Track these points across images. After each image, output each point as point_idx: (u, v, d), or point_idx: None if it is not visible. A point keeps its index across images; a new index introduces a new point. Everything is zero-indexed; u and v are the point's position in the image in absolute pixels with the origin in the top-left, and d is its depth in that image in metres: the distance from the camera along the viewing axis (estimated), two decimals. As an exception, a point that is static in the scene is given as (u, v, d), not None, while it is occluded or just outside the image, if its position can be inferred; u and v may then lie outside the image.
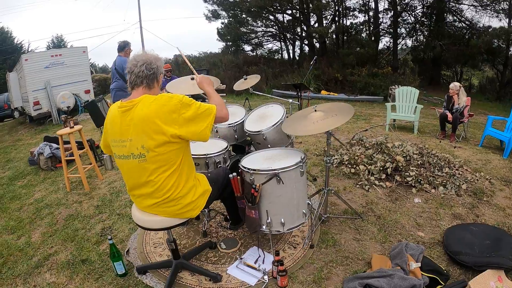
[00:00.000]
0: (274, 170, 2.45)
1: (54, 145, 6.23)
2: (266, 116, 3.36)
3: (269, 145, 3.11)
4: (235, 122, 3.44)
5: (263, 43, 20.66)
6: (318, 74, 14.34)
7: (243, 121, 3.45)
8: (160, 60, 2.24)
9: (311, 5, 16.11)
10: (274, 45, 21.08)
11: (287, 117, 3.19)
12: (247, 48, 20.62)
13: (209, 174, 2.58)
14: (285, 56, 20.68)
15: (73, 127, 4.74)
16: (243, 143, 3.36)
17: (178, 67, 18.85)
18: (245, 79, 4.06)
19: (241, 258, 2.76)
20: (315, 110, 2.73)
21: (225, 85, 10.57)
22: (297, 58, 19.36)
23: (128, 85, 2.19)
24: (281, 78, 14.94)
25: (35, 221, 4.16)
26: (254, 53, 20.30)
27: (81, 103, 12.87)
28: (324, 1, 15.65)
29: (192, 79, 3.53)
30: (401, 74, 14.75)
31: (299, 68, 15.62)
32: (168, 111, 2.01)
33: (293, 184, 2.53)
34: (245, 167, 2.58)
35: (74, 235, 3.62)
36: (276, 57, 20.09)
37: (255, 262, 2.71)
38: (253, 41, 20.22)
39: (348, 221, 3.33)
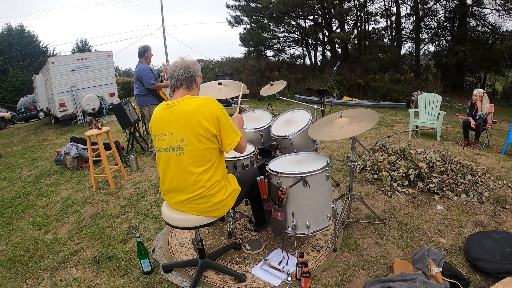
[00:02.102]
0: (301, 173, 2.50)
1: (81, 146, 6.39)
2: (292, 121, 3.40)
3: (294, 150, 3.16)
4: (261, 127, 3.50)
5: (285, 49, 20.74)
6: (340, 80, 14.32)
7: (270, 125, 3.51)
8: (197, 64, 2.42)
9: (333, 11, 16.10)
10: (296, 50, 21.14)
11: (312, 122, 3.23)
12: (269, 53, 20.75)
13: (238, 175, 2.66)
14: (307, 61, 20.70)
15: (100, 128, 4.86)
16: (269, 147, 3.41)
17: (202, 71, 19.07)
18: (271, 84, 4.11)
19: (265, 259, 2.80)
20: (341, 116, 2.77)
21: (248, 90, 10.63)
22: (319, 63, 19.33)
23: (170, 88, 2.39)
24: (303, 84, 15.01)
25: (61, 218, 4.28)
26: (276, 59, 20.37)
27: (105, 105, 13.15)
28: (346, 7, 15.62)
29: (220, 84, 3.61)
30: (423, 80, 14.57)
31: (321, 74, 15.62)
32: (209, 110, 2.20)
33: (319, 187, 2.58)
34: (272, 170, 2.64)
35: (100, 233, 3.72)
36: (298, 63, 20.10)
37: (279, 264, 2.75)
38: (275, 46, 20.31)
39: (370, 226, 3.34)
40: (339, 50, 18.17)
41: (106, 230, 3.78)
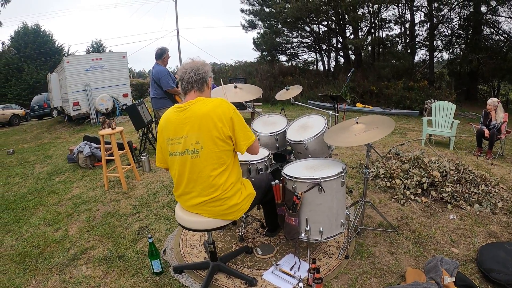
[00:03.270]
0: (316, 179, 2.49)
1: (94, 145, 6.43)
2: (307, 126, 3.39)
3: (309, 155, 3.14)
4: (276, 131, 3.49)
5: (299, 54, 20.77)
6: (353, 86, 14.30)
7: (285, 130, 3.50)
8: (207, 65, 2.41)
9: (347, 17, 16.09)
10: (309, 56, 21.14)
11: (328, 128, 3.22)
12: (283, 58, 20.82)
13: (253, 179, 2.66)
14: (320, 67, 20.68)
15: (114, 128, 4.89)
16: (283, 152, 3.40)
17: (214, 75, 19.13)
18: (287, 89, 4.11)
19: (277, 264, 2.79)
20: (357, 123, 2.76)
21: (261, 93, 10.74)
22: (332, 69, 19.31)
23: (181, 91, 2.37)
24: (317, 90, 15.02)
25: (72, 215, 4.32)
26: (289, 64, 20.38)
27: (119, 106, 13.28)
28: (360, 13, 15.59)
29: (235, 87, 3.61)
30: (437, 88, 14.47)
31: (335, 80, 15.62)
32: (222, 111, 2.20)
33: (334, 193, 2.56)
34: (287, 175, 2.63)
35: (111, 232, 3.74)
36: (311, 68, 20.08)
37: (291, 269, 2.73)
38: (288, 51, 20.35)
39: (383, 234, 3.32)
40: (353, 57, 18.13)
41: (117, 229, 3.80)
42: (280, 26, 17.87)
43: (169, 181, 5.16)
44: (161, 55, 5.91)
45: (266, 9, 18.19)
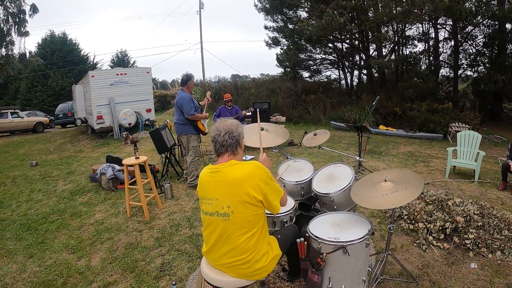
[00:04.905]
0: (342, 242, 2.48)
1: (117, 167, 6.52)
2: (334, 177, 3.38)
3: (335, 207, 3.13)
4: (303, 180, 3.49)
5: (322, 70, 20.70)
6: (376, 107, 14.18)
7: (311, 178, 3.50)
8: (240, 126, 2.43)
9: (370, 34, 16.01)
10: (332, 72, 21.04)
11: (355, 179, 3.21)
12: (305, 74, 20.78)
13: (279, 236, 2.66)
14: (343, 84, 20.58)
15: (138, 157, 4.96)
16: (309, 201, 3.39)
17: (237, 91, 19.22)
18: (315, 134, 4.10)
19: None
20: (385, 181, 2.74)
21: (284, 117, 10.72)
22: (355, 87, 19.21)
23: (214, 152, 2.40)
24: (339, 109, 14.95)
25: (95, 244, 4.36)
26: (312, 80, 20.34)
27: (142, 121, 13.47)
28: (383, 31, 15.49)
29: (262, 129, 3.63)
30: (461, 110, 14.20)
31: (358, 100, 15.50)
32: (254, 178, 2.22)
33: (358, 255, 2.54)
34: (312, 234, 2.62)
35: (133, 266, 3.76)
36: (333, 86, 20.00)
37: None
38: (311, 67, 20.31)
39: (403, 284, 3.28)
40: (376, 75, 17.98)
41: (140, 263, 3.83)
42: (303, 42, 17.86)
43: (191, 211, 5.20)
44: (187, 81, 6.00)
45: (290, 26, 18.23)
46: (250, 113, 9.48)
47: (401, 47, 17.24)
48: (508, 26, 14.69)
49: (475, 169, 6.74)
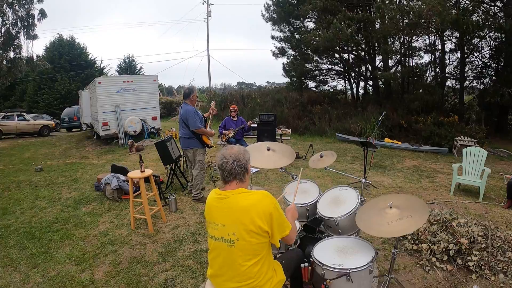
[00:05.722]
0: (345, 269, 2.48)
1: (121, 177, 6.53)
2: (339, 201, 3.38)
3: (339, 230, 3.14)
4: (308, 202, 3.49)
5: (328, 80, 20.80)
6: (382, 119, 14.18)
7: (317, 201, 3.51)
8: (247, 152, 2.43)
9: (376, 46, 16.06)
10: (338, 83, 21.11)
11: (361, 203, 3.21)
12: (311, 84, 20.90)
13: (283, 261, 2.65)
14: (349, 95, 20.64)
15: (143, 171, 4.98)
16: (313, 223, 3.39)
17: (243, 99, 19.25)
18: (322, 156, 4.10)
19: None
20: (390, 207, 2.74)
21: (290, 129, 10.63)
22: (361, 98, 19.25)
23: (221, 179, 2.39)
24: (345, 121, 15.00)
25: (99, 256, 4.36)
26: (318, 90, 20.40)
27: (147, 128, 13.52)
28: (390, 43, 15.52)
29: (268, 149, 3.64)
30: (467, 123, 14.16)
31: (363, 111, 15.53)
32: (262, 208, 2.22)
33: (361, 281, 2.55)
34: (317, 260, 2.63)
35: (137, 281, 3.76)
36: (339, 97, 20.02)
37: None
38: (317, 77, 20.40)
39: (407, 307, 3.26)
40: (382, 86, 18.00)
41: (143, 278, 3.82)
42: (310, 52, 17.93)
43: (195, 226, 5.19)
44: (189, 94, 6.01)
45: (297, 36, 18.33)
46: (256, 125, 9.40)
47: (407, 58, 17.27)
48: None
49: (480, 187, 6.71)
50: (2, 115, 19.47)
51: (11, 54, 15.88)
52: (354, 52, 17.87)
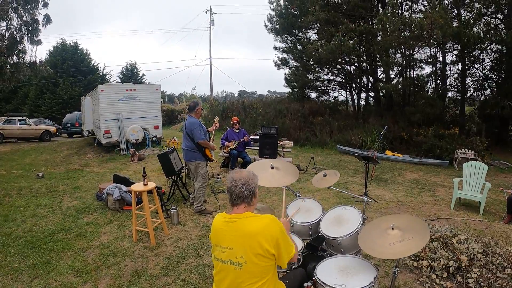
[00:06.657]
0: (347, 290, 2.51)
1: (123, 188, 6.53)
2: (342, 220, 3.41)
3: (342, 249, 3.16)
4: (311, 221, 3.51)
5: (329, 91, 20.87)
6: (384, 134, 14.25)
7: (319, 220, 3.54)
8: (255, 176, 2.47)
9: (378, 57, 16.13)
10: (339, 94, 21.17)
11: (363, 224, 3.25)
12: (313, 94, 20.94)
13: (287, 281, 2.68)
14: (350, 106, 20.71)
15: (147, 184, 5.01)
16: (316, 242, 3.41)
17: (245, 110, 19.32)
18: (325, 175, 4.13)
19: None
20: (392, 229, 2.76)
21: (291, 142, 10.62)
22: (362, 110, 19.32)
23: (229, 202, 2.42)
24: (346, 132, 15.04)
25: (100, 268, 4.35)
26: (320, 101, 20.47)
27: (149, 137, 13.54)
28: (391, 54, 15.59)
29: (272, 167, 3.67)
30: (467, 135, 14.20)
31: (364, 123, 15.60)
32: (269, 233, 2.27)
33: (363, 301, 2.57)
34: (319, 280, 2.66)
35: (139, 295, 3.78)
36: (341, 108, 20.09)
37: None
38: (319, 88, 20.47)
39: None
40: (383, 98, 18.06)
41: (146, 293, 3.84)
42: (311, 63, 18.03)
43: (197, 239, 5.20)
44: (194, 107, 6.10)
45: (299, 47, 18.43)
46: (258, 137, 9.42)
47: (408, 70, 17.35)
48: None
49: (481, 201, 6.75)
50: (4, 119, 19.49)
51: (15, 59, 15.90)
52: (355, 64, 17.94)
